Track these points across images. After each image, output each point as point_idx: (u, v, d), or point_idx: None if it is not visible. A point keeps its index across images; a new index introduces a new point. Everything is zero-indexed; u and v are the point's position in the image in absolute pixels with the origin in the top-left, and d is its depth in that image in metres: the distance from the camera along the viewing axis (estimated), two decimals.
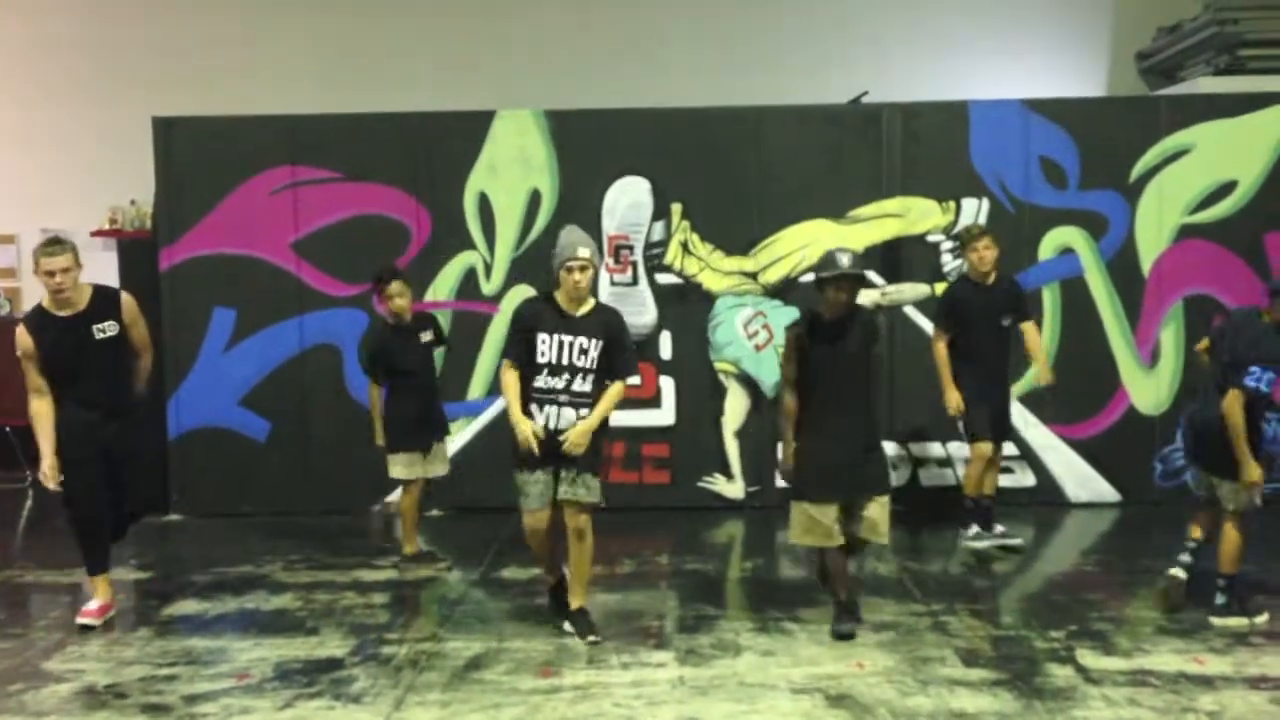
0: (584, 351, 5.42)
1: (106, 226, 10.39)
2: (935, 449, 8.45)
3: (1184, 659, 5.18)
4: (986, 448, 7.01)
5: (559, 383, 5.40)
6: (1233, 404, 5.44)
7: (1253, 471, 5.44)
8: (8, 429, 9.82)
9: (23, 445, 9.53)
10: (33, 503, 9.25)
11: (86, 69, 10.76)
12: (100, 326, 5.76)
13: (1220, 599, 5.67)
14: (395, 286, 6.78)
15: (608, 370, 5.49)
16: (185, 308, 8.45)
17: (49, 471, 5.72)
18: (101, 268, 10.00)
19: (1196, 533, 5.96)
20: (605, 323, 5.51)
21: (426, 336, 6.94)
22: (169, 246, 8.50)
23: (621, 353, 5.53)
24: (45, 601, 6.13)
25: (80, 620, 5.87)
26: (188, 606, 6.30)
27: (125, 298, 5.99)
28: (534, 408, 5.44)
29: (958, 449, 8.22)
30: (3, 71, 10.92)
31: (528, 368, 5.45)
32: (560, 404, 5.41)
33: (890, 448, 7.98)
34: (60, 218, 10.63)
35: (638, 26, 10.57)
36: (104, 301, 5.85)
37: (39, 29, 10.90)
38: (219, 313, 8.48)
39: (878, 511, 5.58)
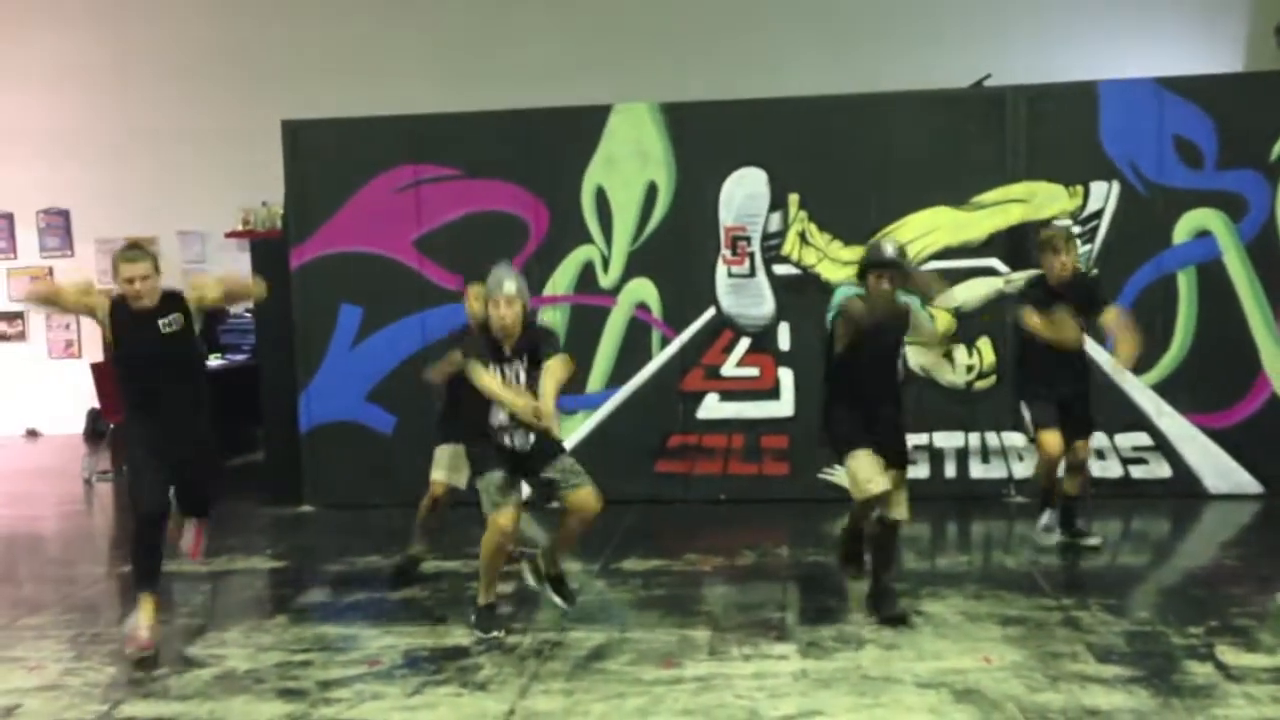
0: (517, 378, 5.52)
1: (239, 228, 10.74)
2: None
3: None
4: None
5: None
6: None
7: None
8: None
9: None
10: None
11: (219, 75, 11.16)
12: (166, 320, 5.45)
13: None
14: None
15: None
16: (314, 305, 8.70)
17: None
18: (235, 268, 10.40)
19: None
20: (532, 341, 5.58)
21: None
22: (298, 246, 8.75)
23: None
24: (186, 589, 6.36)
25: (127, 650, 5.42)
26: (320, 595, 6.50)
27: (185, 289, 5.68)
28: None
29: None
30: (139, 78, 11.39)
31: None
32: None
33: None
34: (195, 219, 11.08)
35: (753, 17, 10.53)
36: (170, 298, 5.56)
37: (172, 35, 11.33)
38: (346, 310, 8.71)
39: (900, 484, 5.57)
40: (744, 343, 8.49)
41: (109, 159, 12.36)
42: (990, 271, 8.27)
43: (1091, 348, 7.24)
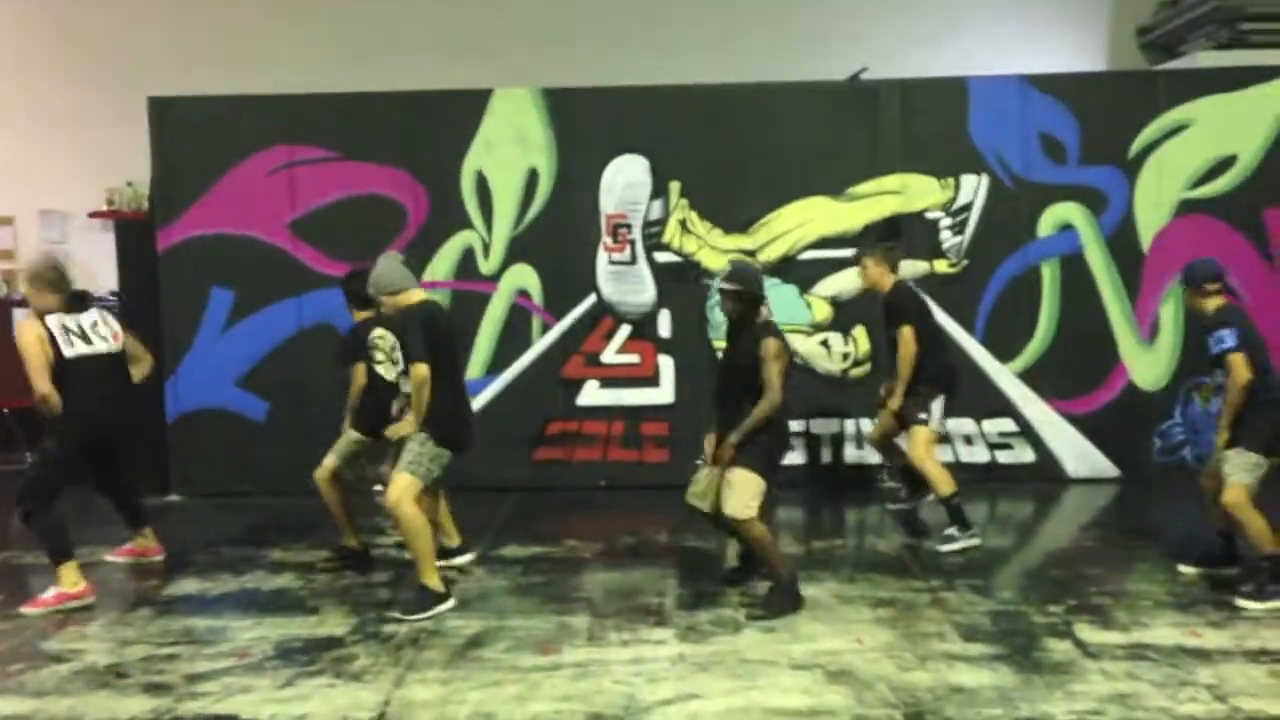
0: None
1: (104, 208, 10.35)
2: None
3: (1182, 632, 5.19)
4: None
5: None
6: None
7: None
8: (5, 410, 9.81)
9: (22, 426, 9.54)
10: None
11: (82, 50, 10.70)
12: None
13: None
14: None
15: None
16: (183, 289, 8.44)
17: None
18: (99, 249, 10.02)
19: None
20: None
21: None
22: (166, 227, 8.47)
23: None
24: (44, 582, 6.09)
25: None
26: (188, 586, 6.31)
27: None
28: None
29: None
30: (1, 54, 10.87)
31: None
32: None
33: None
34: (58, 199, 10.60)
35: (635, 4, 10.52)
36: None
37: (34, 11, 10.84)
38: (217, 293, 8.47)
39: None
40: (624, 330, 8.52)
41: None
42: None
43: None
